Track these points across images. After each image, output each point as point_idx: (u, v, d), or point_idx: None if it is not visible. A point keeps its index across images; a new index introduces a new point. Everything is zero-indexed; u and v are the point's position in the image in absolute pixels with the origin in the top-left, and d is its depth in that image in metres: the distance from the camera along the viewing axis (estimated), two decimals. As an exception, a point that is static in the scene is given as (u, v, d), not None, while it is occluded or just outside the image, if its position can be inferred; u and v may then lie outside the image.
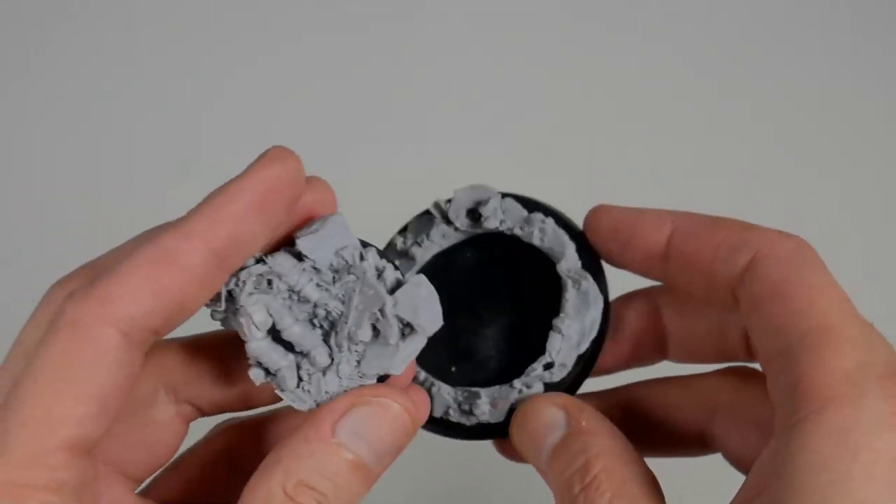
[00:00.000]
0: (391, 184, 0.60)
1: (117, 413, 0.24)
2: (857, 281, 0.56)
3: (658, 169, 0.61)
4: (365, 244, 0.27)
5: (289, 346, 0.26)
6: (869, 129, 0.63)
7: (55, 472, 0.22)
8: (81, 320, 0.23)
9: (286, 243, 0.27)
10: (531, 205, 0.31)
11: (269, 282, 0.26)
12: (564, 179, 0.57)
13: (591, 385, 0.32)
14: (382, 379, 0.26)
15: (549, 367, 0.29)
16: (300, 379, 0.26)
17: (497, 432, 0.30)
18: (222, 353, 0.29)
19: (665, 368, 0.33)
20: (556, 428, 0.26)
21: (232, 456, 0.30)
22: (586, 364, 0.30)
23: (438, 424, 0.30)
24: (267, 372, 0.26)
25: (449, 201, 0.31)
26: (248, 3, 0.68)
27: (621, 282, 0.32)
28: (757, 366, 0.29)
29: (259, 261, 0.26)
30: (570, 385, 0.29)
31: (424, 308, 0.26)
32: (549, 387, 0.29)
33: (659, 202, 0.59)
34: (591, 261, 0.30)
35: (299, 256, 0.26)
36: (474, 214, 0.31)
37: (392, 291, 0.26)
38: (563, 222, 0.31)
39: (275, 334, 0.26)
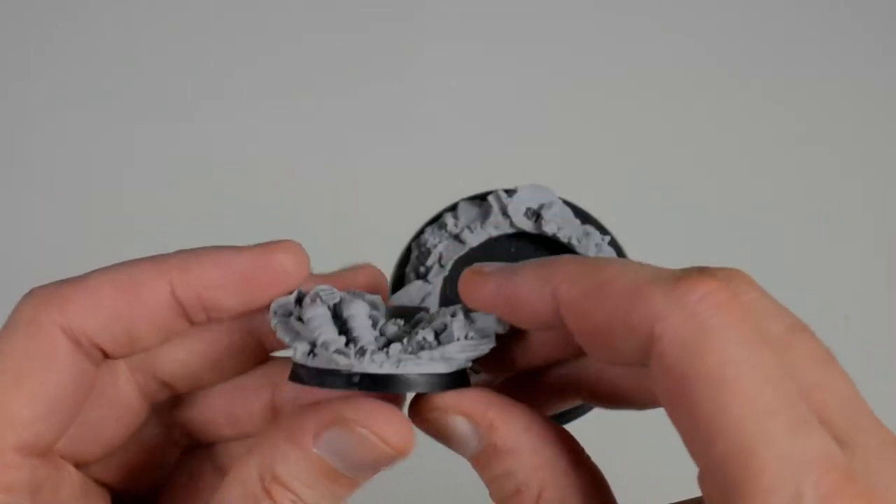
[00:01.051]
0: (392, 183, 0.60)
1: (71, 418, 0.24)
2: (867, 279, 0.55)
3: (660, 168, 0.61)
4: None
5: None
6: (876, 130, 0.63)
7: (6, 472, 0.22)
8: (36, 321, 0.23)
9: None
10: (583, 215, 0.31)
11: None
12: (564, 178, 0.57)
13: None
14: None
15: None
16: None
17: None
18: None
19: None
20: (468, 440, 0.24)
21: (169, 435, 0.29)
22: None
23: None
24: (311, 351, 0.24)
25: (508, 193, 0.32)
26: (248, 3, 0.67)
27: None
28: None
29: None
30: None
31: (484, 321, 0.25)
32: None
33: (662, 200, 0.59)
34: None
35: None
36: (535, 215, 0.31)
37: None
38: (615, 244, 0.31)
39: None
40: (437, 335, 0.24)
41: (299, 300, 0.25)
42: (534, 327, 0.25)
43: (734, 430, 0.19)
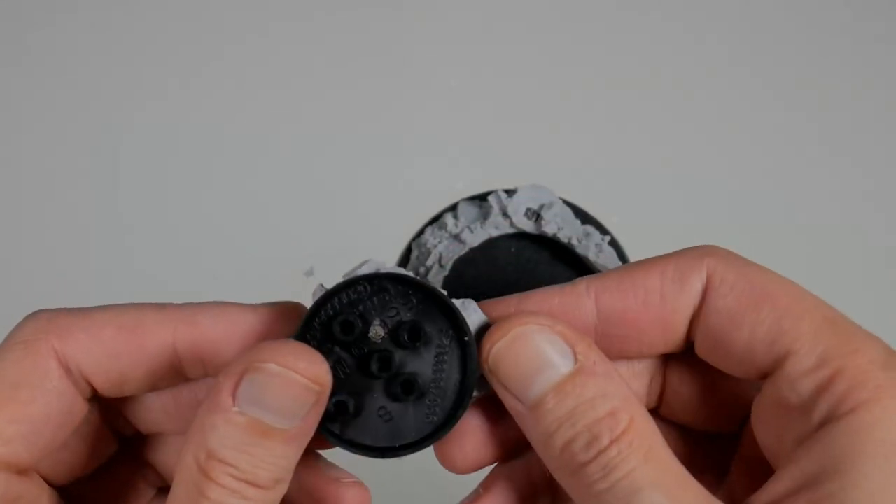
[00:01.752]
0: (392, 183, 0.60)
1: (54, 442, 0.24)
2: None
3: (661, 168, 0.61)
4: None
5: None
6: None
7: None
8: (34, 343, 0.24)
9: None
10: (583, 215, 0.31)
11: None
12: (565, 178, 0.57)
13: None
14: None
15: None
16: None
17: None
18: None
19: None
20: (556, 364, 0.23)
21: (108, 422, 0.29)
22: None
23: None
24: None
25: (508, 193, 0.32)
26: (247, 3, 0.67)
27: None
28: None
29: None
30: None
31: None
32: None
33: (662, 200, 0.59)
34: None
35: None
36: (535, 215, 0.31)
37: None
38: (615, 244, 0.31)
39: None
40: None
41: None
42: None
43: (815, 308, 0.23)
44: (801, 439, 0.23)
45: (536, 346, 0.23)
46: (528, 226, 0.32)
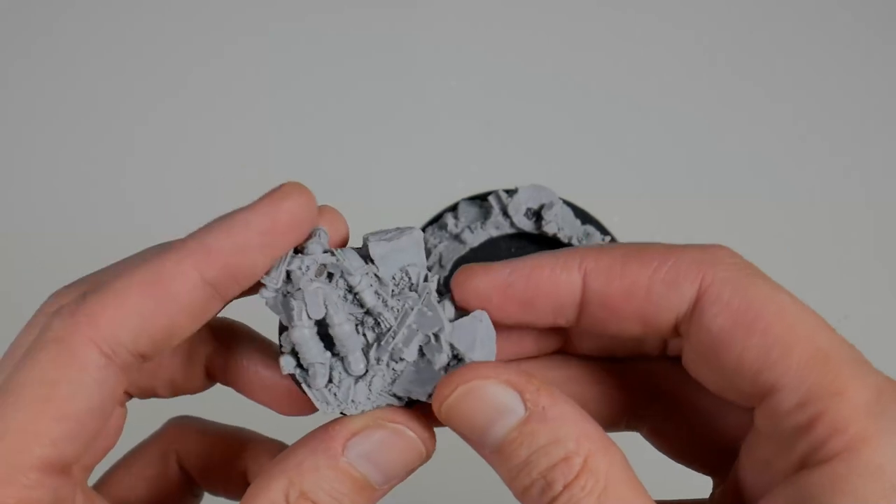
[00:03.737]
0: (392, 183, 0.60)
1: (97, 433, 0.24)
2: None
3: (661, 168, 0.61)
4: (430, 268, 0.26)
5: (327, 346, 0.25)
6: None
7: (28, 490, 0.22)
8: (66, 338, 0.23)
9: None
10: (583, 215, 0.32)
11: (331, 275, 0.25)
12: (565, 178, 0.57)
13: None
14: (411, 403, 0.25)
15: None
16: (330, 380, 0.25)
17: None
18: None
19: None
20: (508, 412, 0.23)
21: (182, 457, 0.30)
22: None
23: None
24: (298, 364, 0.25)
25: (509, 193, 0.32)
26: (247, 3, 0.67)
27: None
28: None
29: (327, 251, 0.25)
30: None
31: (481, 343, 0.25)
32: None
33: (662, 200, 0.59)
34: None
35: (366, 259, 0.25)
36: (536, 215, 0.32)
37: (451, 320, 0.25)
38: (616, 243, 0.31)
39: (319, 329, 0.25)
40: (421, 350, 0.25)
41: (288, 277, 0.25)
42: (544, 317, 0.25)
43: (808, 339, 0.22)
44: (779, 478, 0.22)
45: (485, 399, 0.23)
46: (528, 226, 0.32)
